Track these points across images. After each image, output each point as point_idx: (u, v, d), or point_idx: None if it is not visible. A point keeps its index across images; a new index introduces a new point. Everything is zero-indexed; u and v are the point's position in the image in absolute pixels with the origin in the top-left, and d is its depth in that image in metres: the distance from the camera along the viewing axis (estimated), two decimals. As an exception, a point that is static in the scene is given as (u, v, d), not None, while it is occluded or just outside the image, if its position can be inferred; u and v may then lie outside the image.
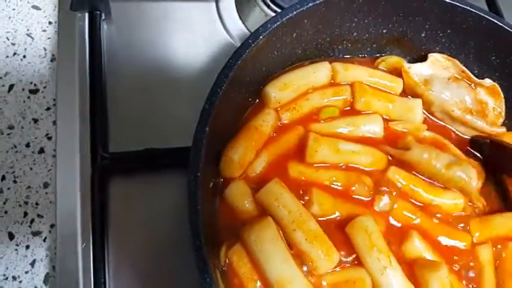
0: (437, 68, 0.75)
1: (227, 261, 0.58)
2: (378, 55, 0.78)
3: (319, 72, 0.71)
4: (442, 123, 0.75)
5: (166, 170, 0.73)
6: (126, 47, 0.81)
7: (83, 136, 0.73)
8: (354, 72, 0.73)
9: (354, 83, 0.72)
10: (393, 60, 0.77)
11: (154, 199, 0.73)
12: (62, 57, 0.77)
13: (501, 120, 0.75)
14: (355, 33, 0.72)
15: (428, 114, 0.75)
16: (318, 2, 0.62)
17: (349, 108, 0.72)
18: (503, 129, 0.75)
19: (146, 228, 0.71)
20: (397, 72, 0.76)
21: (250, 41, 0.58)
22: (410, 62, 0.78)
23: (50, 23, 0.83)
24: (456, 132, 0.75)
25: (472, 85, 0.75)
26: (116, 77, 0.78)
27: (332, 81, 0.73)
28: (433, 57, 0.75)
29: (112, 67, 0.79)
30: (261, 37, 0.59)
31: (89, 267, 0.66)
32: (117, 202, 0.72)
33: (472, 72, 0.75)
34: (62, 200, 0.70)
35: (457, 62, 0.75)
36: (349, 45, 0.75)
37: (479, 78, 0.75)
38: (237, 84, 0.60)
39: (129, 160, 0.73)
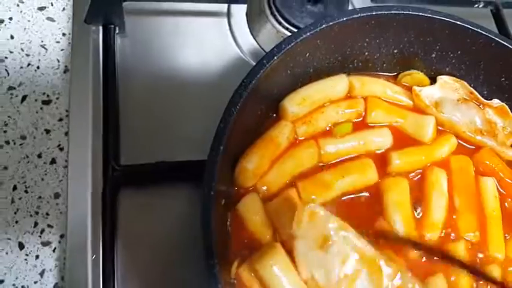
0: (446, 90, 0.75)
1: (238, 275, 0.58)
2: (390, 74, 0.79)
3: (337, 86, 0.72)
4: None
5: (176, 183, 0.73)
6: (139, 61, 0.82)
7: (95, 148, 0.74)
8: (371, 86, 0.74)
9: (368, 96, 0.74)
10: (418, 76, 0.78)
11: (165, 212, 0.73)
12: (76, 69, 0.78)
13: (511, 140, 0.76)
14: (366, 53, 0.73)
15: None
16: (331, 23, 0.63)
17: (360, 119, 0.73)
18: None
19: (156, 240, 0.72)
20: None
21: (265, 61, 0.59)
22: (419, 82, 0.79)
23: (63, 34, 0.84)
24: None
25: (481, 106, 0.76)
26: (128, 89, 0.79)
27: (348, 94, 0.74)
28: (442, 79, 0.76)
29: (125, 80, 0.80)
30: (275, 57, 0.60)
31: (98, 278, 0.67)
32: (127, 214, 0.72)
33: (481, 94, 0.76)
34: (73, 211, 0.71)
35: (465, 83, 0.76)
36: (360, 64, 0.75)
37: (488, 100, 0.76)
38: (250, 102, 0.60)
39: (140, 173, 0.74)
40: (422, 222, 0.67)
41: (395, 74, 0.79)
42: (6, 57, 0.81)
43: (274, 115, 0.71)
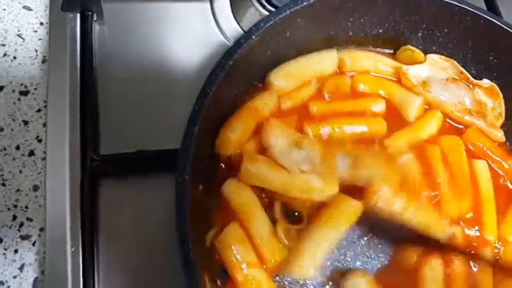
0: (435, 70, 0.73)
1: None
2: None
3: (325, 60, 0.72)
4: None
5: (157, 172, 0.71)
6: (119, 48, 0.79)
7: (74, 138, 0.72)
8: (362, 61, 0.74)
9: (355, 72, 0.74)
10: (415, 53, 0.76)
11: (145, 201, 0.71)
12: (53, 59, 0.76)
13: (501, 121, 0.74)
14: (350, 33, 0.71)
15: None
16: (312, 1, 0.61)
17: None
18: (501, 134, 0.74)
19: (137, 230, 0.70)
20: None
21: (242, 40, 0.57)
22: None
23: (41, 23, 0.82)
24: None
25: (470, 86, 0.74)
26: (107, 78, 0.77)
27: (338, 70, 0.73)
28: (431, 58, 0.74)
29: (104, 68, 0.77)
30: (253, 37, 0.58)
31: (78, 271, 0.65)
32: (108, 205, 0.70)
33: (469, 73, 0.74)
34: (52, 204, 0.68)
35: (455, 62, 0.74)
36: (344, 45, 0.73)
37: (477, 79, 0.74)
38: (229, 83, 0.59)
39: (119, 162, 0.71)
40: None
41: (392, 51, 0.77)
42: (-19, 48, 0.79)
43: (260, 85, 0.70)
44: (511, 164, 0.72)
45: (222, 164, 0.65)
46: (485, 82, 0.73)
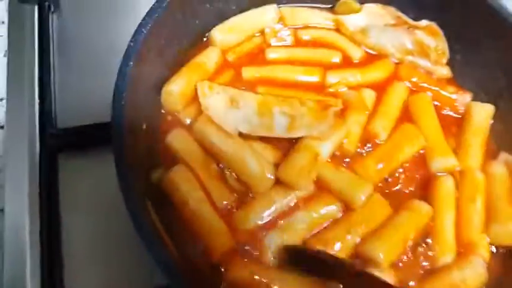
0: (372, 18, 0.76)
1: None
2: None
3: (266, 15, 0.74)
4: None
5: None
6: (76, 35, 0.84)
7: (32, 120, 0.74)
8: (302, 15, 0.76)
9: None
10: (352, 5, 0.78)
11: (104, 172, 0.71)
12: (12, 50, 0.80)
13: (445, 59, 0.75)
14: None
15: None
16: None
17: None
18: (446, 70, 0.75)
19: (99, 203, 0.70)
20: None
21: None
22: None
23: (2, 22, 0.87)
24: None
25: (410, 29, 0.76)
26: (65, 60, 0.81)
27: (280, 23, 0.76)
28: (367, 7, 0.77)
29: (63, 53, 0.82)
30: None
31: (37, 251, 0.66)
32: (66, 177, 0.72)
33: (408, 17, 0.76)
34: (11, 183, 0.70)
35: (392, 9, 0.77)
36: (284, 1, 0.77)
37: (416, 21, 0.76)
38: (166, 30, 0.61)
39: (77, 135, 0.74)
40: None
41: (331, 6, 0.80)
42: None
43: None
44: (451, 91, 0.73)
45: (169, 117, 0.66)
46: (423, 22, 0.75)
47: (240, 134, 0.63)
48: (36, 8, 0.82)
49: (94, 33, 0.84)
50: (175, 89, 0.64)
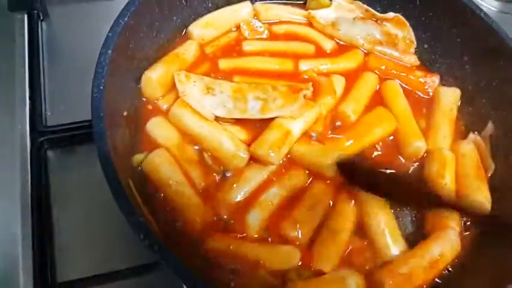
0: (342, 11, 0.81)
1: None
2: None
3: (241, 10, 0.79)
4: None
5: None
6: (65, 42, 0.89)
7: (23, 119, 0.78)
8: (275, 11, 0.81)
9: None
10: (322, 1, 0.83)
11: (92, 167, 0.74)
12: (4, 55, 0.84)
13: (413, 47, 0.80)
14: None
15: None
16: None
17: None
18: (414, 58, 0.79)
19: (90, 200, 0.72)
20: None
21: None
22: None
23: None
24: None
25: (379, 21, 0.80)
26: (54, 63, 0.85)
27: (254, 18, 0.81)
28: (336, 2, 0.82)
29: (52, 58, 0.86)
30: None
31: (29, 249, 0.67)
32: (58, 175, 0.74)
33: (375, 10, 0.81)
34: (2, 179, 0.73)
35: (360, 3, 0.82)
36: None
37: (382, 14, 0.81)
38: (145, 22, 0.66)
39: (66, 132, 0.76)
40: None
41: (303, 2, 0.85)
42: None
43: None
44: (417, 75, 0.77)
45: (149, 106, 0.70)
46: (390, 14, 0.80)
47: (216, 118, 0.66)
48: (25, 16, 0.87)
49: (81, 40, 0.88)
50: (154, 76, 0.68)
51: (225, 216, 0.62)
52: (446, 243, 0.63)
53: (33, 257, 0.67)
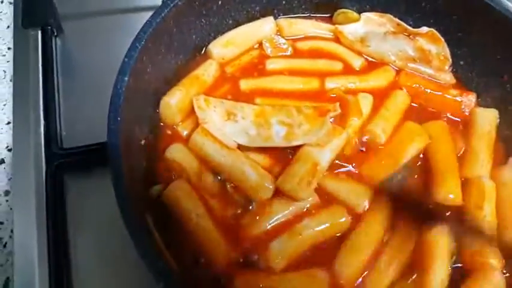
0: (371, 26, 0.76)
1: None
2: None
3: (263, 27, 0.75)
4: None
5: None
6: (79, 57, 0.85)
7: (38, 141, 0.75)
8: (299, 26, 0.77)
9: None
10: (350, 15, 0.79)
11: (111, 191, 0.72)
12: (18, 74, 0.81)
13: (448, 64, 0.74)
14: (283, 1, 0.75)
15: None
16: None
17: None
18: (450, 76, 0.74)
19: (108, 224, 0.69)
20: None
21: (169, 1, 0.61)
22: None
23: (9, 48, 0.89)
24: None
25: (411, 36, 0.75)
26: (69, 80, 0.82)
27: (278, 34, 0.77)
28: (365, 16, 0.77)
29: (67, 76, 0.83)
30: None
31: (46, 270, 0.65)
32: (74, 198, 0.72)
33: (407, 24, 0.76)
34: (19, 203, 0.70)
35: (391, 16, 0.76)
36: (281, 14, 0.77)
37: (415, 28, 0.75)
38: (163, 46, 0.62)
39: (82, 154, 0.74)
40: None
41: (330, 15, 0.80)
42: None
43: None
44: (453, 94, 0.72)
45: (168, 131, 0.66)
46: (424, 29, 0.74)
47: (238, 146, 0.63)
48: (39, 32, 0.84)
49: (97, 55, 0.85)
50: (173, 102, 0.65)
51: (252, 254, 0.58)
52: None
53: (49, 282, 0.64)
